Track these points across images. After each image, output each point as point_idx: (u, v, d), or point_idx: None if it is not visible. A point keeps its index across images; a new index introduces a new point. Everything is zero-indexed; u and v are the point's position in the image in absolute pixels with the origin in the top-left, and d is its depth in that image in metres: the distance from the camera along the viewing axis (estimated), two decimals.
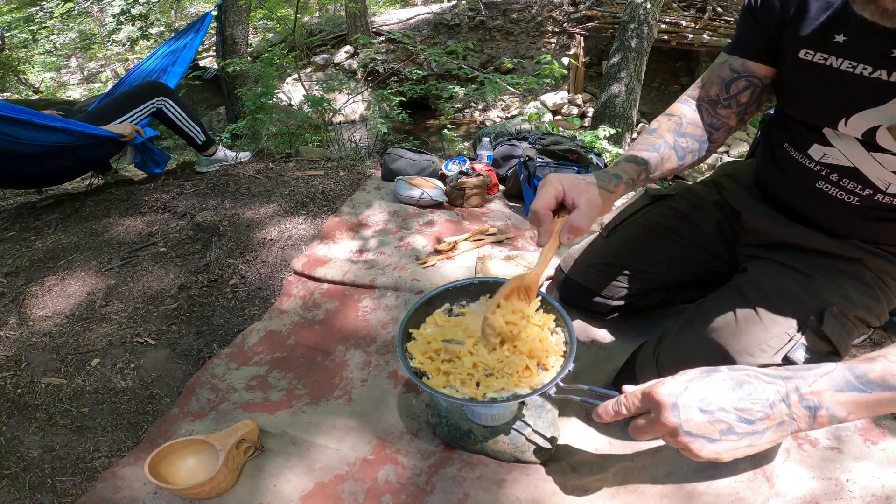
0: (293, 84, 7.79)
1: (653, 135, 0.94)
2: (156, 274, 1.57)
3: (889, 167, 0.78)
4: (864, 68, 0.73)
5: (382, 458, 0.96)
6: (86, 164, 2.18)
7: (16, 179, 2.07)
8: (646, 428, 0.62)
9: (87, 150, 1.97)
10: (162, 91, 2.15)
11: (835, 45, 0.76)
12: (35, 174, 2.02)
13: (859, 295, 0.86)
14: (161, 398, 1.17)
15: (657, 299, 1.16)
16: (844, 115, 0.78)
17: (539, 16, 8.99)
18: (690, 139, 0.95)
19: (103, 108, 2.12)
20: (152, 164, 2.23)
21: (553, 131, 3.41)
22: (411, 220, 1.83)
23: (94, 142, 1.92)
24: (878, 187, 0.81)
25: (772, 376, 0.60)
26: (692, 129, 0.95)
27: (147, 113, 2.11)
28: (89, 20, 9.77)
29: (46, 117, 1.76)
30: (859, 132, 0.78)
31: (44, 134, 1.75)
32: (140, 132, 2.06)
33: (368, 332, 1.31)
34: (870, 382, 0.56)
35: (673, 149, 0.93)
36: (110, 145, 2.03)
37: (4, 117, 1.63)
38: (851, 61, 0.75)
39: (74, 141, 1.84)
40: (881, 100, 0.73)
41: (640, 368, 0.97)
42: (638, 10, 5.24)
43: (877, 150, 0.78)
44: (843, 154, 0.82)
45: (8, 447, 1.03)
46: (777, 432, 0.59)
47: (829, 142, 0.83)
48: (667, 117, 0.97)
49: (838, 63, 0.76)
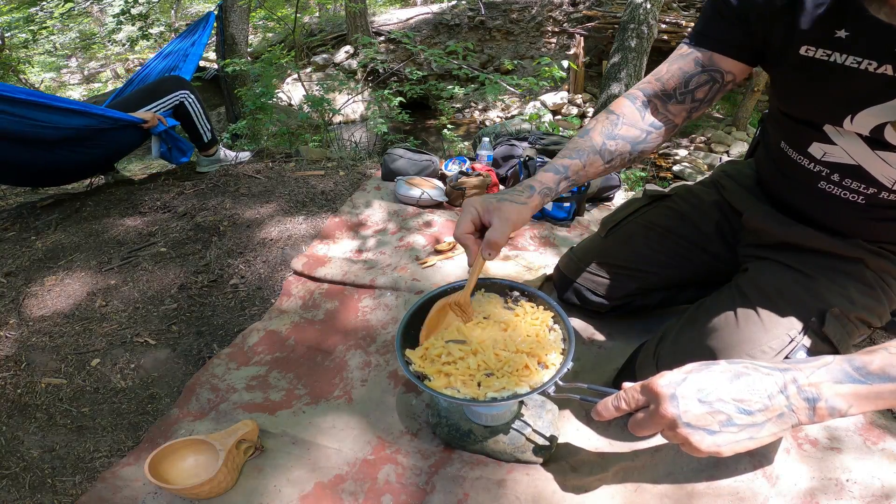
0: (293, 84, 7.80)
1: (582, 138, 0.93)
2: (156, 274, 1.57)
3: (895, 164, 0.77)
4: (870, 63, 0.71)
5: (382, 458, 0.96)
6: (103, 155, 2.14)
7: (28, 173, 2.04)
8: (645, 422, 0.62)
9: (107, 138, 1.95)
10: (185, 85, 2.17)
11: (837, 41, 0.73)
12: (48, 166, 1.98)
13: (860, 295, 0.85)
14: (161, 398, 1.17)
15: (656, 299, 1.16)
16: (850, 112, 0.76)
17: (539, 16, 8.99)
18: (621, 141, 0.92)
19: (124, 101, 2.11)
20: (178, 152, 2.20)
21: (553, 131, 3.41)
22: (411, 219, 1.83)
23: (115, 127, 1.91)
24: (884, 185, 0.79)
25: (769, 368, 0.60)
26: (626, 131, 0.92)
27: (170, 105, 2.12)
28: (89, 20, 9.77)
29: (67, 101, 1.76)
30: (866, 129, 0.76)
31: (65, 116, 1.74)
32: (162, 120, 2.06)
33: (368, 332, 1.31)
34: (869, 374, 0.56)
35: (598, 153, 0.91)
36: (132, 132, 2.01)
37: (22, 100, 1.63)
38: (856, 57, 0.72)
39: (96, 124, 1.83)
40: (889, 95, 0.71)
41: (640, 368, 0.97)
42: (638, 10, 5.25)
43: (882, 147, 0.76)
44: (846, 152, 0.80)
45: (8, 447, 1.03)
46: (777, 425, 0.58)
47: (831, 139, 0.81)
48: (605, 115, 0.95)
49: (843, 59, 0.73)
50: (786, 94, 0.87)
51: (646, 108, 0.94)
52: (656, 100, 0.93)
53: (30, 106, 1.66)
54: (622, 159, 0.93)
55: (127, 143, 2.15)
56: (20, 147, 1.79)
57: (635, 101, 0.95)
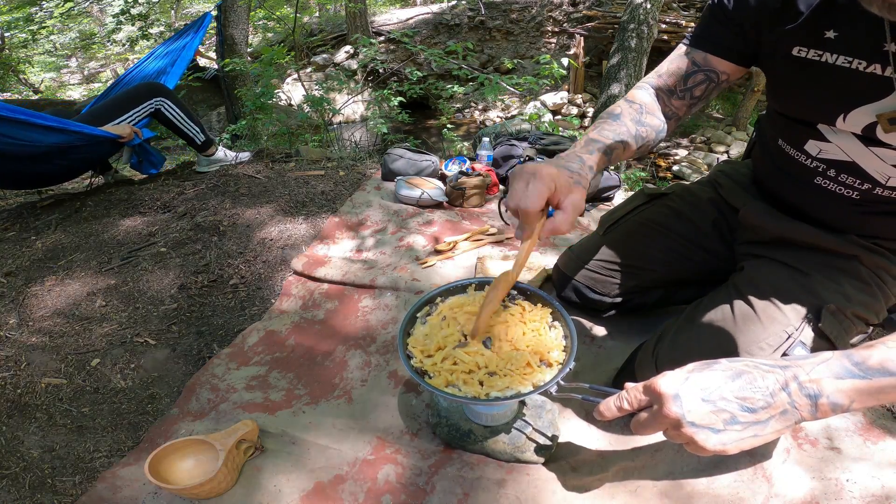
0: (293, 84, 7.80)
1: (617, 121, 0.94)
2: (156, 274, 1.57)
3: (889, 161, 0.78)
4: (860, 63, 0.73)
5: (382, 458, 0.96)
6: (83, 165, 2.18)
7: (13, 180, 2.07)
8: (649, 422, 0.62)
9: (85, 151, 1.97)
10: (160, 91, 2.15)
11: (827, 42, 0.76)
12: (32, 175, 2.01)
13: (856, 292, 0.86)
14: (161, 398, 1.17)
15: (655, 297, 1.16)
16: (843, 111, 0.78)
17: (539, 16, 8.99)
18: (648, 128, 0.95)
19: (101, 108, 2.12)
20: (148, 164, 2.23)
21: (553, 131, 3.41)
22: (411, 220, 1.83)
23: (92, 142, 1.92)
24: (878, 181, 0.81)
25: (770, 365, 0.60)
26: (650, 119, 0.96)
27: (145, 113, 2.11)
28: (89, 20, 9.78)
29: (44, 117, 1.76)
30: (859, 128, 0.78)
31: (42, 134, 1.75)
32: (138, 133, 2.06)
33: (368, 332, 1.31)
34: (869, 369, 0.56)
35: (634, 138, 0.93)
36: (108, 146, 2.03)
37: (2, 118, 1.63)
38: (846, 56, 0.74)
39: (73, 141, 1.84)
40: (879, 94, 0.73)
41: (640, 368, 0.97)
42: (638, 10, 5.24)
43: (876, 144, 0.78)
44: (841, 149, 0.82)
45: (8, 447, 1.03)
46: (780, 422, 0.58)
47: (826, 137, 0.83)
48: (628, 104, 0.97)
49: (833, 59, 0.76)
50: (780, 94, 0.89)
51: (658, 99, 0.98)
52: (663, 93, 0.98)
53: (8, 123, 1.66)
54: (647, 146, 0.97)
55: (105, 154, 2.17)
56: (6, 161, 1.81)
57: (649, 91, 0.99)
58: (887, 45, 0.69)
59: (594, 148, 0.88)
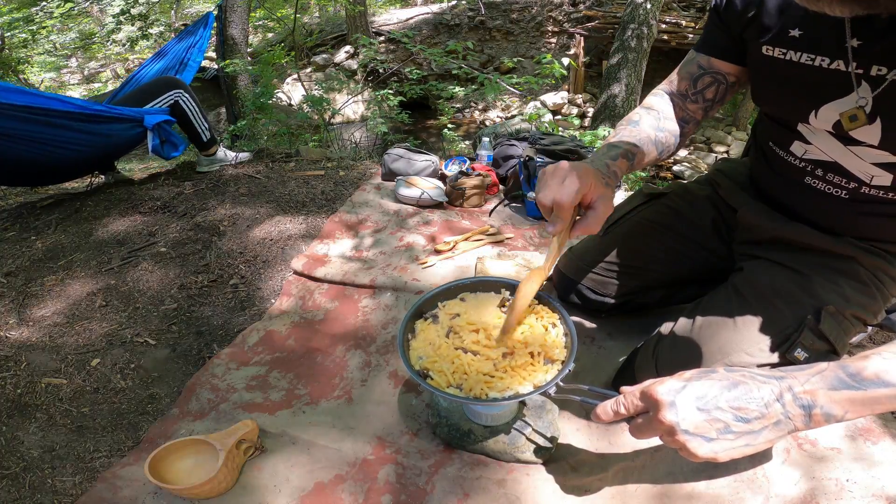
0: (293, 84, 7.79)
1: (636, 128, 0.95)
2: (156, 274, 1.57)
3: (868, 159, 0.79)
4: (823, 60, 0.75)
5: (382, 458, 0.96)
6: (95, 157, 2.18)
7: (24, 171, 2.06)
8: (644, 427, 0.63)
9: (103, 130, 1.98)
10: (178, 85, 2.19)
11: (791, 40, 0.78)
12: (46, 164, 2.00)
13: (855, 293, 0.86)
14: (161, 398, 1.17)
15: (656, 297, 1.16)
16: (812, 108, 0.80)
17: (539, 16, 8.99)
18: (667, 133, 0.97)
19: (120, 102, 2.14)
20: (170, 146, 2.20)
21: (553, 131, 3.41)
22: (411, 219, 1.83)
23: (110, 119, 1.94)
24: (862, 180, 0.81)
25: (766, 376, 0.60)
26: (668, 125, 0.98)
27: (165, 104, 2.14)
28: (89, 20, 9.77)
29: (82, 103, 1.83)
30: (829, 124, 0.79)
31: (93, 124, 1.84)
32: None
33: (368, 332, 1.31)
34: (864, 380, 0.56)
35: (654, 144, 0.94)
36: (128, 126, 2.02)
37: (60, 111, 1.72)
38: (809, 54, 0.76)
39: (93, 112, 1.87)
40: (844, 91, 0.74)
41: (640, 369, 0.97)
42: (638, 10, 5.24)
43: (853, 143, 0.79)
44: (821, 149, 0.84)
45: (8, 447, 1.03)
46: (773, 432, 0.59)
47: (807, 138, 0.85)
48: (646, 111, 0.99)
49: (797, 57, 0.78)
50: (757, 95, 0.92)
51: (673, 105, 1.00)
52: (677, 98, 0.99)
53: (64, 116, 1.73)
54: (668, 151, 0.98)
55: (123, 139, 2.15)
56: (21, 144, 1.80)
57: (665, 98, 1.00)
58: (848, 41, 0.70)
59: (617, 153, 0.89)
